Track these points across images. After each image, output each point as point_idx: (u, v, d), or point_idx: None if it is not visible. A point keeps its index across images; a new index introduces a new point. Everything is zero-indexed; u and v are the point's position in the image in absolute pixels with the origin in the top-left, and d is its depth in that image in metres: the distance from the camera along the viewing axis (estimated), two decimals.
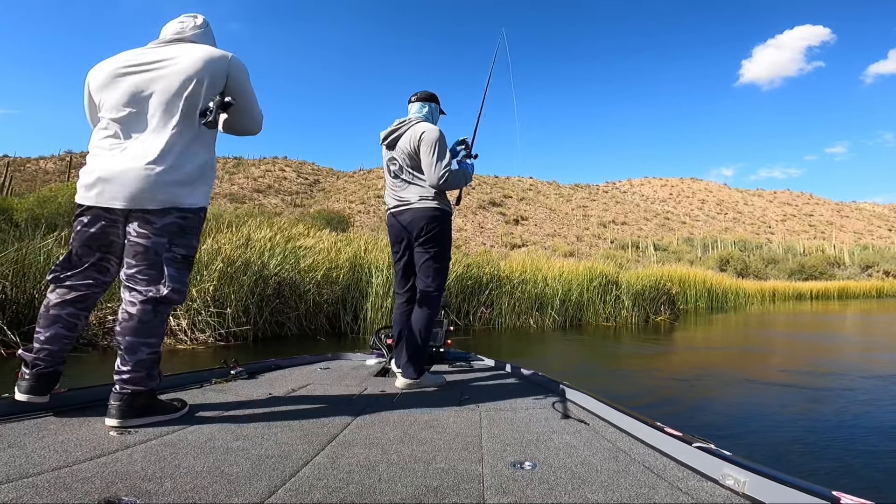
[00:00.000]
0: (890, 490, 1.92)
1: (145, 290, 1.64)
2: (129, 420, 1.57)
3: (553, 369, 3.64)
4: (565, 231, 48.21)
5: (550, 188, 65.57)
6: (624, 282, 9.58)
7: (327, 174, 65.52)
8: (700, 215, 67.07)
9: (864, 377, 4.11)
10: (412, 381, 2.31)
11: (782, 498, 1.05)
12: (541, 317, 8.17)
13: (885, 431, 2.67)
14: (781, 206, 76.13)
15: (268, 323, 5.79)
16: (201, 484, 1.14)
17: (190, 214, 1.71)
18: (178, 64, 1.67)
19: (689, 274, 14.90)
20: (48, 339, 1.63)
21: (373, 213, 46.66)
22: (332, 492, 1.12)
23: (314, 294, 6.32)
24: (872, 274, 33.96)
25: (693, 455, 1.32)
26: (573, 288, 8.77)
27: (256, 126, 1.89)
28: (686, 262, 28.44)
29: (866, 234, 64.73)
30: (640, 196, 73.73)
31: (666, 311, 10.17)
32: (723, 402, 3.36)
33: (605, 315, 9.01)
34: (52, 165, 41.12)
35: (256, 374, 2.55)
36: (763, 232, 60.98)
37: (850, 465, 2.18)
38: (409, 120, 2.46)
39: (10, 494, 1.03)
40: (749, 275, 28.49)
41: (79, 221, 1.69)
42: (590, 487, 1.17)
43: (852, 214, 76.31)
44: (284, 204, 49.79)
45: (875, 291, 25.72)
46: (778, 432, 2.63)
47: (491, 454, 1.40)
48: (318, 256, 6.86)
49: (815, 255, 38.23)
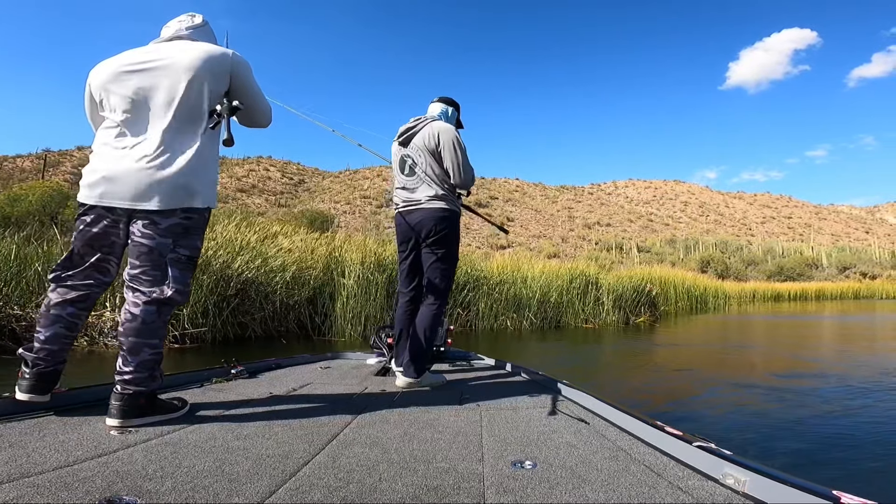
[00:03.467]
0: (890, 490, 1.89)
1: (149, 290, 1.64)
2: (131, 420, 1.57)
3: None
4: (550, 232, 48.47)
5: (537, 189, 65.96)
6: (605, 283, 9.52)
7: (312, 174, 65.09)
8: (683, 217, 68.02)
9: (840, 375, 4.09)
10: (412, 380, 2.30)
11: (783, 497, 1.05)
12: (518, 318, 8.05)
13: (885, 430, 2.64)
14: (761, 208, 77.59)
15: (229, 324, 5.56)
16: (202, 483, 1.13)
17: (195, 215, 1.70)
18: (180, 62, 1.67)
19: (671, 275, 15.01)
20: (48, 338, 1.63)
21: (358, 214, 46.44)
22: (332, 491, 1.11)
23: (282, 294, 6.11)
24: (849, 275, 34.77)
25: (693, 454, 1.32)
26: (552, 289, 8.68)
27: (266, 119, 1.91)
28: (668, 263, 28.76)
29: (843, 236, 66.26)
30: (624, 198, 74.54)
31: (646, 312, 10.19)
32: (706, 402, 3.30)
33: (584, 316, 8.94)
34: (29, 164, 40.08)
35: (257, 374, 2.56)
36: (743, 234, 62.03)
37: (848, 463, 2.16)
38: (425, 118, 2.46)
39: (11, 494, 1.03)
40: (729, 276, 28.94)
41: (81, 221, 1.68)
42: (590, 486, 1.17)
43: (830, 217, 78.08)
44: (268, 204, 49.31)
45: (851, 293, 26.29)
46: (760, 428, 2.57)
47: (491, 453, 1.40)
48: (288, 256, 6.65)
49: (793, 256, 39.01)
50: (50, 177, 31.17)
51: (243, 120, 1.86)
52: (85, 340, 4.77)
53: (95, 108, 1.76)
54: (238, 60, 1.76)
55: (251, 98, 1.80)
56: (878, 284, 28.72)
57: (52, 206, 14.37)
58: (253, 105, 1.82)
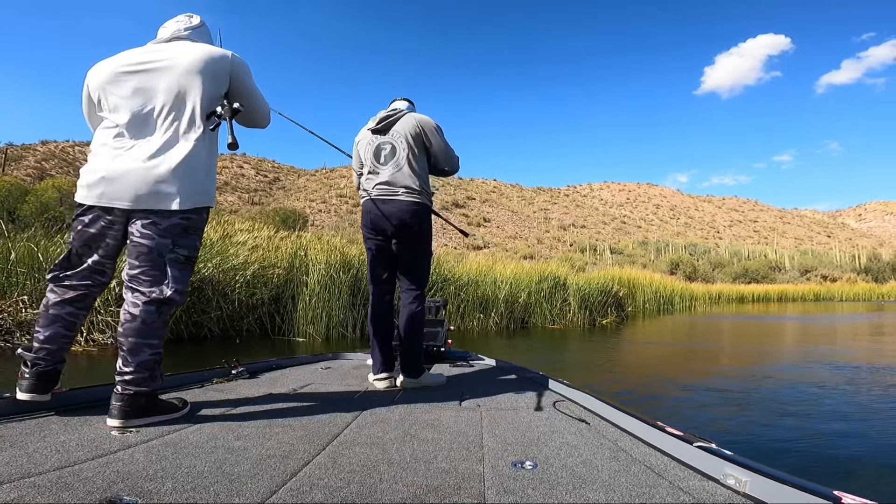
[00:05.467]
0: (890, 490, 1.90)
1: (149, 291, 1.64)
2: (131, 420, 1.58)
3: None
4: (526, 233, 48.90)
5: (513, 191, 66.45)
6: (572, 284, 9.65)
7: (288, 172, 64.04)
8: (655, 220, 69.56)
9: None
10: (413, 379, 2.35)
11: (783, 498, 1.05)
12: (485, 318, 8.08)
13: (884, 429, 2.68)
14: (729, 212, 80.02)
15: (182, 323, 5.41)
16: (202, 484, 1.13)
17: (193, 215, 1.71)
18: (180, 63, 1.68)
19: (640, 277, 15.34)
20: (47, 338, 1.64)
21: (333, 213, 45.89)
22: (333, 491, 1.11)
23: (241, 293, 5.96)
24: (810, 278, 36.06)
25: (694, 455, 1.32)
26: (521, 290, 8.73)
27: (264, 120, 1.93)
28: (640, 265, 29.37)
29: (806, 239, 68.87)
30: (599, 200, 75.78)
31: (613, 313, 10.39)
32: (658, 398, 3.40)
33: (551, 317, 9.02)
34: None
35: (257, 374, 2.56)
36: (712, 237, 63.84)
37: (840, 462, 2.18)
38: (400, 109, 2.48)
39: (11, 494, 1.03)
40: (697, 278, 29.71)
41: (79, 221, 1.68)
42: (591, 487, 1.17)
43: (794, 221, 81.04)
44: (242, 202, 48.32)
45: (812, 294, 27.32)
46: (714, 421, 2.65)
47: (492, 454, 1.40)
48: (252, 254, 6.51)
49: (758, 259, 40.32)
50: (11, 171, 29.91)
51: (242, 121, 1.87)
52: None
53: (93, 109, 1.76)
54: (238, 62, 1.78)
55: (250, 99, 1.82)
56: (838, 287, 29.82)
57: (10, 202, 13.82)
58: (252, 106, 1.84)
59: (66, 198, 15.46)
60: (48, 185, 17.50)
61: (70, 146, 51.53)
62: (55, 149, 49.91)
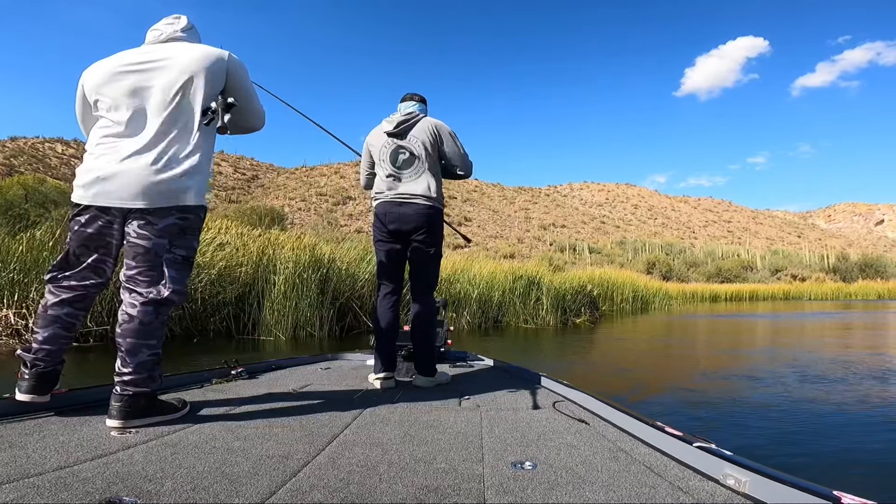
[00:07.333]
0: (890, 490, 1.90)
1: (146, 291, 1.64)
2: (131, 421, 1.58)
3: None
4: (507, 233, 49.20)
5: (495, 190, 66.72)
6: (545, 283, 9.67)
7: (267, 170, 63.23)
8: (633, 220, 70.71)
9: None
10: (429, 378, 2.42)
11: (783, 498, 1.05)
12: (457, 317, 8.04)
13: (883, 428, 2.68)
14: (704, 212, 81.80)
15: None
16: (202, 484, 1.14)
17: (190, 215, 1.71)
18: (176, 63, 1.68)
19: (616, 276, 15.54)
20: (46, 338, 1.64)
21: (313, 212, 45.49)
22: (332, 492, 1.12)
23: (205, 292, 5.82)
24: (781, 277, 37.12)
25: (694, 455, 1.33)
26: (495, 288, 8.73)
27: (259, 122, 1.93)
28: (617, 264, 29.85)
29: (777, 240, 70.80)
30: (579, 200, 76.68)
31: (586, 312, 10.50)
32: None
33: (525, 317, 9.04)
34: None
35: (257, 374, 2.57)
36: (687, 237, 65.16)
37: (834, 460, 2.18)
38: (416, 113, 2.50)
39: (11, 494, 1.03)
40: (673, 277, 30.31)
41: (76, 221, 1.68)
42: (591, 487, 1.17)
43: (766, 221, 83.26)
44: (219, 200, 47.54)
45: (782, 293, 28.10)
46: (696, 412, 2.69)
47: (492, 454, 1.41)
48: (218, 252, 6.35)
49: (731, 259, 41.28)
50: None
51: (236, 123, 1.85)
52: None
53: (88, 110, 1.76)
54: (235, 62, 1.79)
55: (246, 99, 1.83)
56: (807, 286, 30.68)
57: None
58: (247, 106, 1.84)
59: (32, 195, 15.01)
60: (13, 182, 16.92)
61: (40, 142, 50.00)
62: (24, 145, 48.35)
